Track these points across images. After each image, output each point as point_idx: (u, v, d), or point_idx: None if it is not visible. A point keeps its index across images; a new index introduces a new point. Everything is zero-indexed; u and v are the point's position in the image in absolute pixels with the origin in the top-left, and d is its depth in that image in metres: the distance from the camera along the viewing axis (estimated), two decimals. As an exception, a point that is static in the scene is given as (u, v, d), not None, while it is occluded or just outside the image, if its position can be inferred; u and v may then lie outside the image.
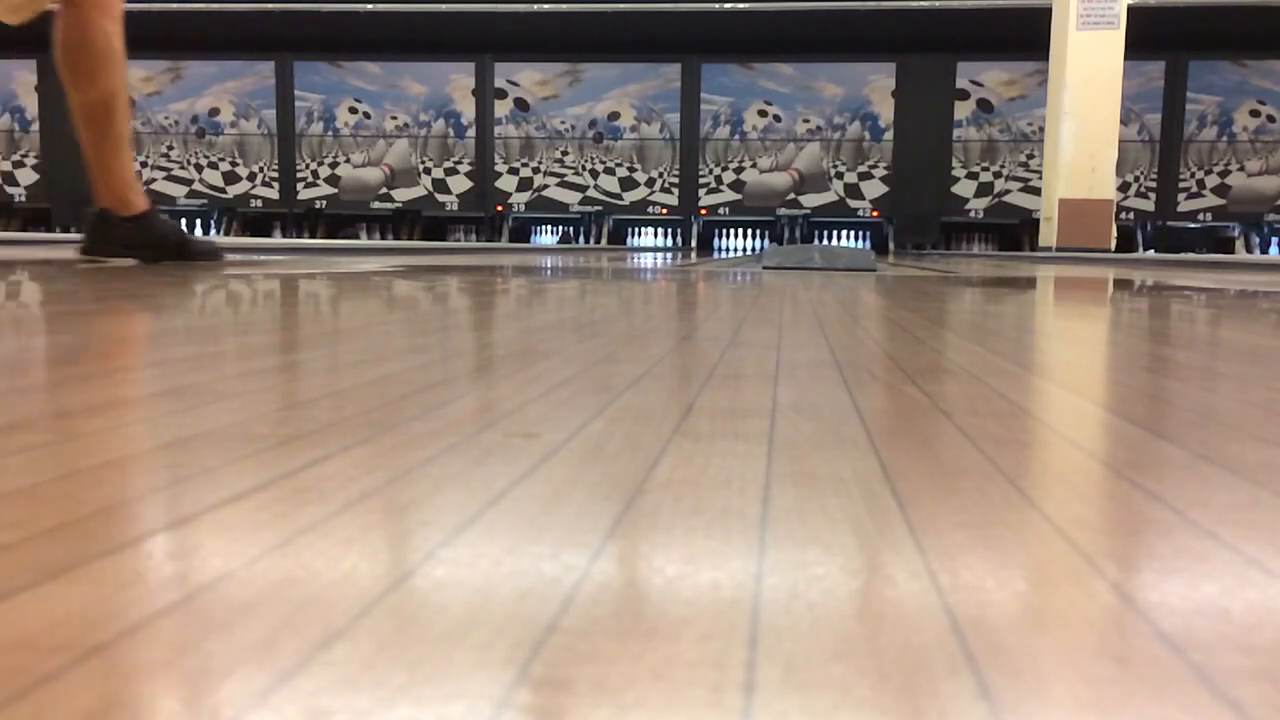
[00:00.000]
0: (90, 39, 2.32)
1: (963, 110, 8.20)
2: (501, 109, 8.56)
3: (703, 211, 8.49)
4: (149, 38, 9.26)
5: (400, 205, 8.64)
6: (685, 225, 8.67)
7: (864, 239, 8.65)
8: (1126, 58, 6.60)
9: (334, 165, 8.67)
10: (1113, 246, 6.90)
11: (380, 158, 8.64)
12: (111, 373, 0.80)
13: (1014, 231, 8.24)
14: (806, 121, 8.35)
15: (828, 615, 0.28)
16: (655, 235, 8.96)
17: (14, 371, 0.81)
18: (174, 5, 7.89)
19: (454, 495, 0.40)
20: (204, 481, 0.42)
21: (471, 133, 8.56)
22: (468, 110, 8.55)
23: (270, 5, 8.06)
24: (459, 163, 8.59)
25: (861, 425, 0.56)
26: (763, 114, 8.37)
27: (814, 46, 8.11)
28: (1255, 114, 7.95)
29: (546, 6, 8.01)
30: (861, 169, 8.35)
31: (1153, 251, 7.90)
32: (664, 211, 8.53)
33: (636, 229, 8.95)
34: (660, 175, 8.50)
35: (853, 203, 8.38)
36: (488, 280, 2.42)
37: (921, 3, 7.79)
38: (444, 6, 8.04)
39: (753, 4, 7.85)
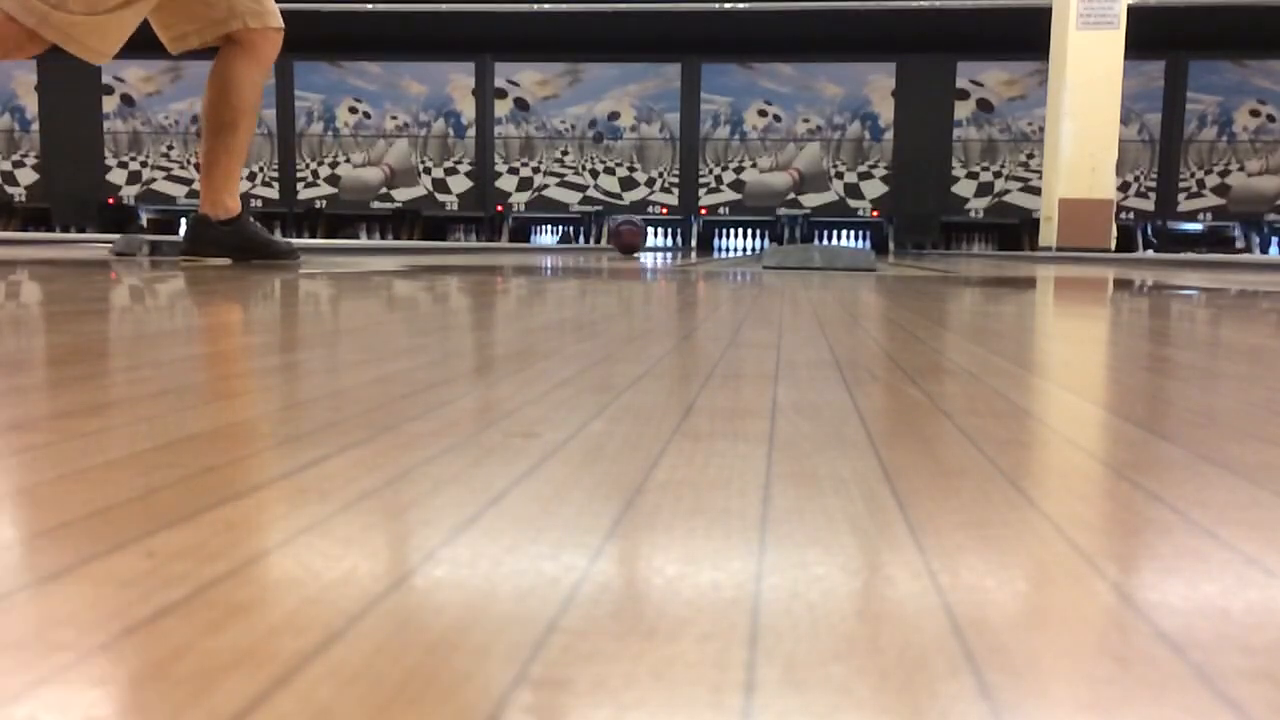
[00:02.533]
0: (235, 75, 2.68)
1: (963, 110, 8.20)
2: (501, 109, 8.56)
3: (703, 211, 8.49)
4: (149, 38, 9.26)
5: (400, 205, 8.64)
6: (685, 225, 8.67)
7: (864, 239, 8.65)
8: (1126, 58, 6.60)
9: (334, 165, 8.67)
10: (1113, 246, 6.90)
11: (380, 158, 8.64)
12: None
13: (1014, 231, 8.24)
14: (806, 121, 8.35)
15: (828, 615, 0.28)
16: (655, 235, 8.96)
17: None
18: (174, 5, 7.88)
19: (454, 495, 0.40)
20: (204, 481, 0.42)
21: (471, 132, 8.56)
22: (468, 110, 8.55)
23: (270, 5, 8.05)
24: (459, 163, 8.59)
25: (861, 425, 0.56)
26: (763, 114, 8.37)
27: (814, 46, 8.11)
28: (1255, 114, 7.95)
29: (546, 6, 8.01)
30: (861, 169, 8.35)
31: (1151, 251, 7.90)
32: (664, 211, 8.53)
33: (636, 229, 8.94)
34: (660, 175, 8.49)
35: (853, 202, 8.38)
36: (495, 280, 2.42)
37: (921, 3, 7.79)
38: (444, 6, 8.03)
39: (753, 4, 7.84)
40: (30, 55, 2.48)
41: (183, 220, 7.89)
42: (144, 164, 8.78)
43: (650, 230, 8.84)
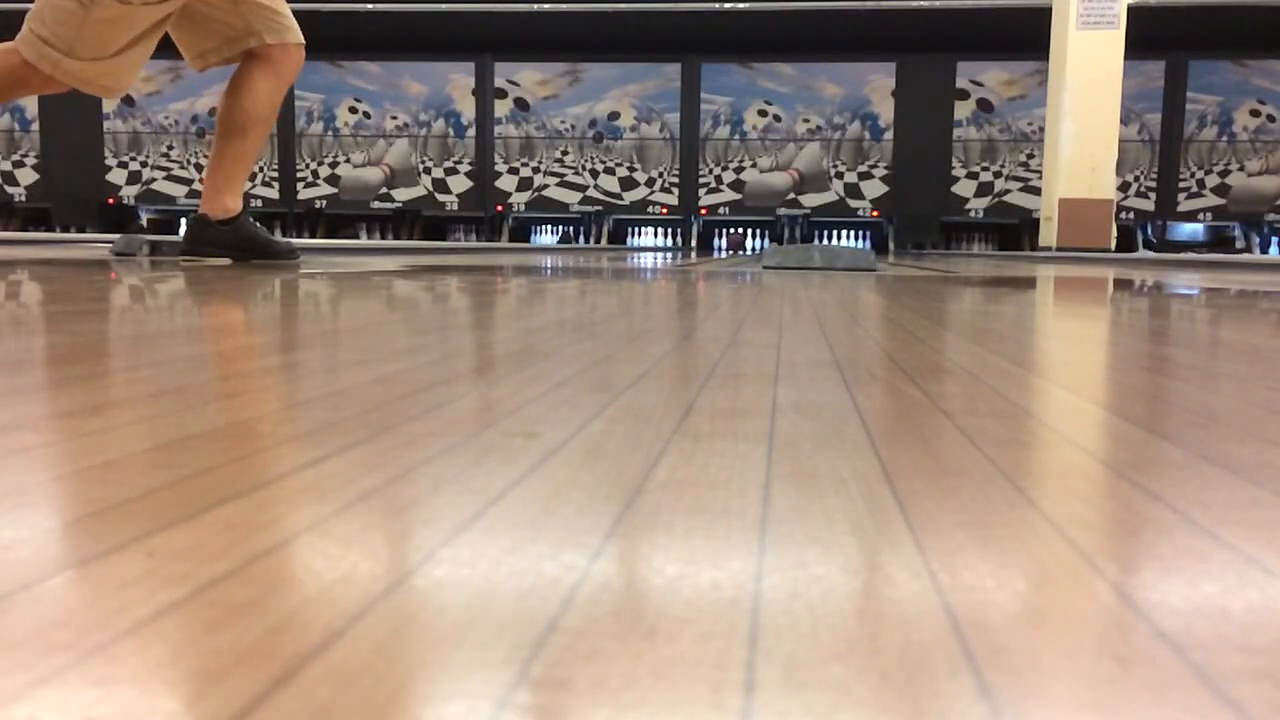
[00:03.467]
0: (250, 83, 2.73)
1: (963, 110, 8.20)
2: (501, 109, 8.56)
3: (703, 211, 8.50)
4: (149, 37, 9.24)
5: (400, 205, 8.64)
6: (685, 225, 8.67)
7: (864, 239, 8.65)
8: (1126, 58, 6.60)
9: (334, 165, 8.67)
10: (1112, 246, 6.90)
11: (380, 157, 8.64)
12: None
13: (1014, 231, 8.24)
14: (806, 121, 8.35)
15: (828, 615, 0.28)
16: (655, 235, 8.96)
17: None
18: (174, 5, 7.88)
19: (454, 495, 0.40)
20: (204, 481, 0.42)
21: (471, 132, 8.56)
22: (468, 110, 8.55)
23: (270, 5, 8.05)
24: (459, 162, 8.59)
25: (861, 425, 0.56)
26: (763, 114, 8.37)
27: (814, 46, 8.11)
28: (1255, 114, 7.95)
29: (546, 6, 8.01)
30: (861, 169, 8.35)
31: (1151, 252, 7.90)
32: (664, 211, 8.53)
33: (636, 229, 8.95)
34: (660, 175, 8.50)
35: (853, 202, 8.38)
36: (495, 280, 2.42)
37: (921, 3, 7.79)
38: (444, 6, 8.03)
39: (753, 4, 7.84)
40: (54, 92, 2.59)
41: (183, 220, 7.88)
42: (144, 164, 8.78)
43: (651, 230, 8.88)
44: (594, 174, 8.53)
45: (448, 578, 0.31)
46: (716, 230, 8.85)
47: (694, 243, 8.59)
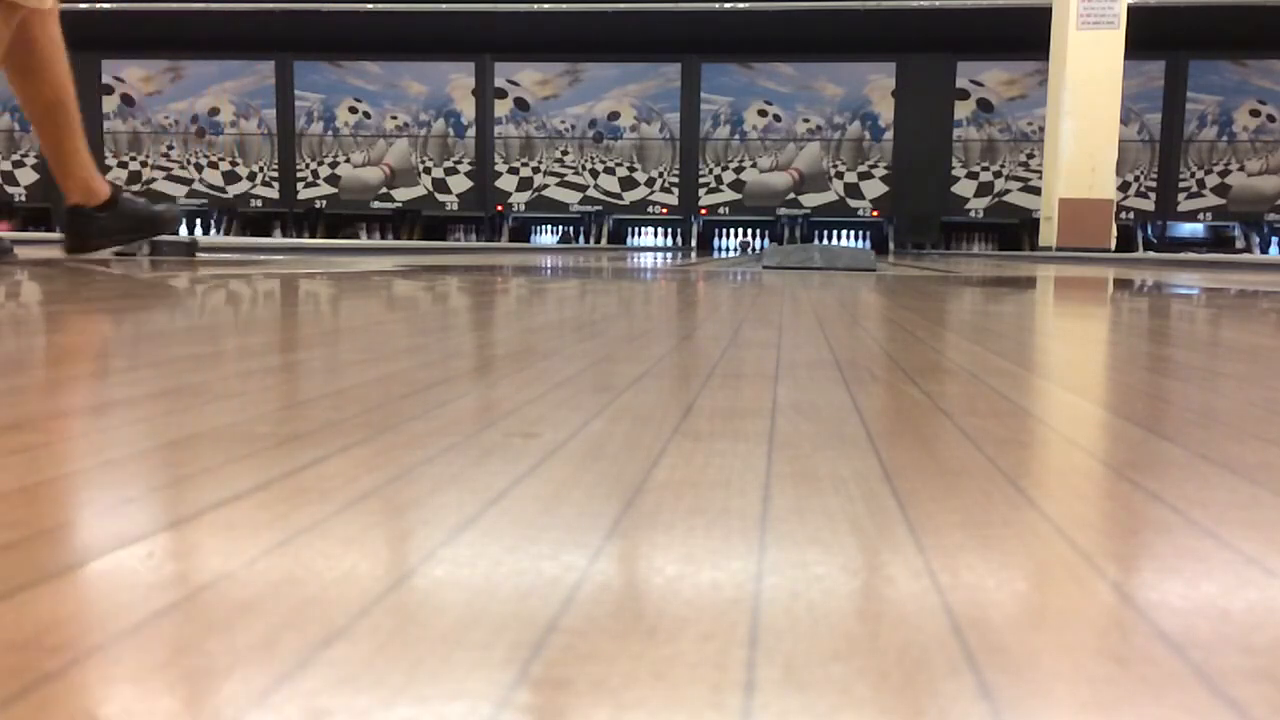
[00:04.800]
0: (30, 39, 2.38)
1: (963, 110, 8.20)
2: (501, 109, 8.56)
3: (703, 211, 8.49)
4: (149, 37, 9.25)
5: (400, 205, 8.64)
6: (685, 225, 8.67)
7: (864, 239, 8.65)
8: (1126, 58, 6.60)
9: (334, 165, 8.66)
10: (1113, 246, 6.90)
11: (380, 157, 8.64)
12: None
13: (1014, 231, 8.24)
14: (806, 121, 8.35)
15: (828, 615, 0.28)
16: (655, 235, 8.96)
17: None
18: (174, 5, 7.89)
19: (454, 495, 0.40)
20: (204, 481, 0.42)
21: (471, 132, 8.56)
22: (468, 110, 8.55)
23: (270, 5, 8.06)
24: (459, 162, 8.59)
25: (861, 425, 0.56)
26: (763, 114, 8.37)
27: (814, 46, 8.11)
28: (1255, 114, 7.95)
29: (546, 6, 8.01)
30: (861, 169, 8.35)
31: (1150, 251, 7.90)
32: (664, 211, 8.53)
33: (636, 229, 8.95)
34: (660, 175, 8.49)
35: (853, 202, 8.38)
36: (495, 280, 2.42)
37: (921, 3, 7.79)
38: (444, 6, 8.03)
39: (753, 4, 7.84)
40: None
41: (182, 220, 7.87)
42: (144, 164, 8.77)
43: (651, 230, 8.89)
44: (594, 174, 8.52)
45: (448, 577, 0.31)
46: (717, 230, 8.85)
47: (694, 243, 8.58)
